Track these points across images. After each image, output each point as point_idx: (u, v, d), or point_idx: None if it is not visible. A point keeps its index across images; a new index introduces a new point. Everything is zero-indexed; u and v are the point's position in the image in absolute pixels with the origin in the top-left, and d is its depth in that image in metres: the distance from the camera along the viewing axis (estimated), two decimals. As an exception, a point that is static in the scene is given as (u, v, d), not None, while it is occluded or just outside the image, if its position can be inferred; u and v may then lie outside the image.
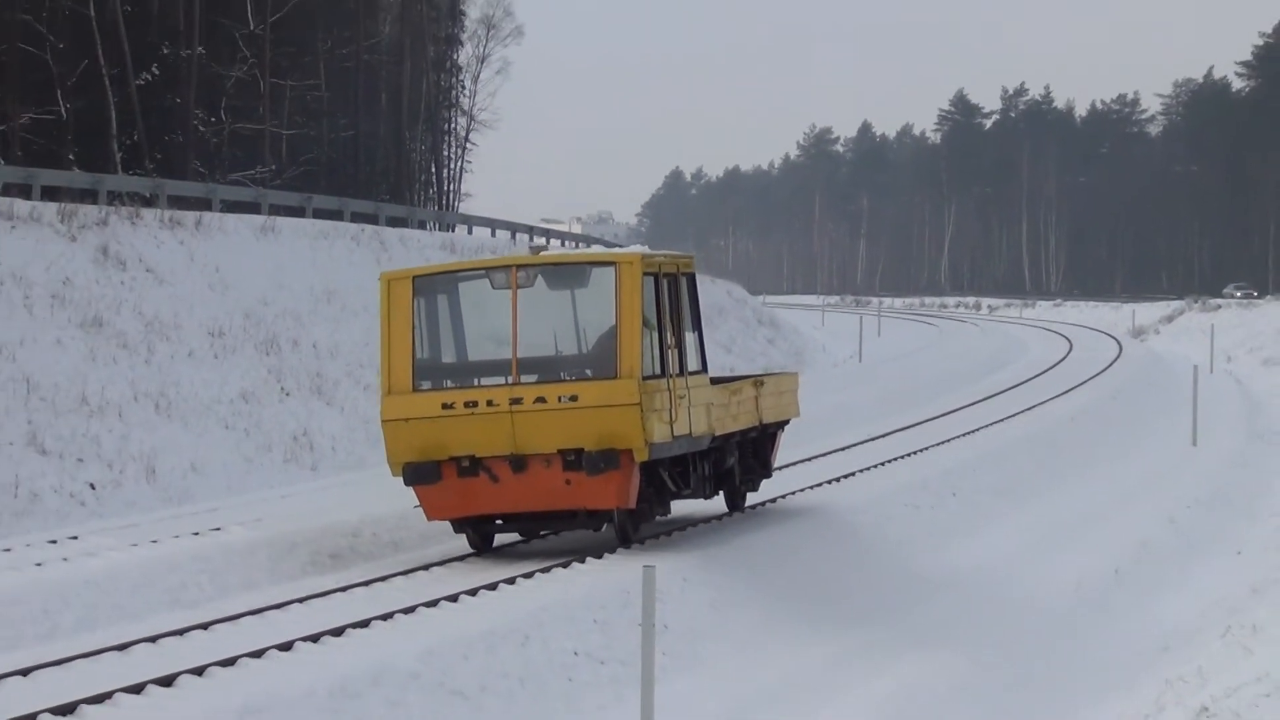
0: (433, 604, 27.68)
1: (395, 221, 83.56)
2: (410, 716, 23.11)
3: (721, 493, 35.33)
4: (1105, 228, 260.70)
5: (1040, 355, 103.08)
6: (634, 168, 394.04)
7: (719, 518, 35.92)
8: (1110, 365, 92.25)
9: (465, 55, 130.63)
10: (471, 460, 28.34)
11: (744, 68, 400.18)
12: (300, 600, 28.79)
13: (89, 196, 61.33)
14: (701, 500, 35.40)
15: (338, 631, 25.69)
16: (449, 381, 29.33)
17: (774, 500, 41.05)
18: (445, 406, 28.49)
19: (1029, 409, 66.99)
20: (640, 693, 23.22)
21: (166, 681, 22.55)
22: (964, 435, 57.08)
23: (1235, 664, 24.33)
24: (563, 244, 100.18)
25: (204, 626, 26.83)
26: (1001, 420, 62.82)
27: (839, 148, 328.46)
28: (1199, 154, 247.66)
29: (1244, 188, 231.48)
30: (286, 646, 24.71)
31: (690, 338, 31.66)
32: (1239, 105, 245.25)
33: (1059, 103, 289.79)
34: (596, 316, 29.13)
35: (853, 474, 46.18)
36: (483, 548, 30.88)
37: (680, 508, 34.94)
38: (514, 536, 33.32)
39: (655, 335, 29.39)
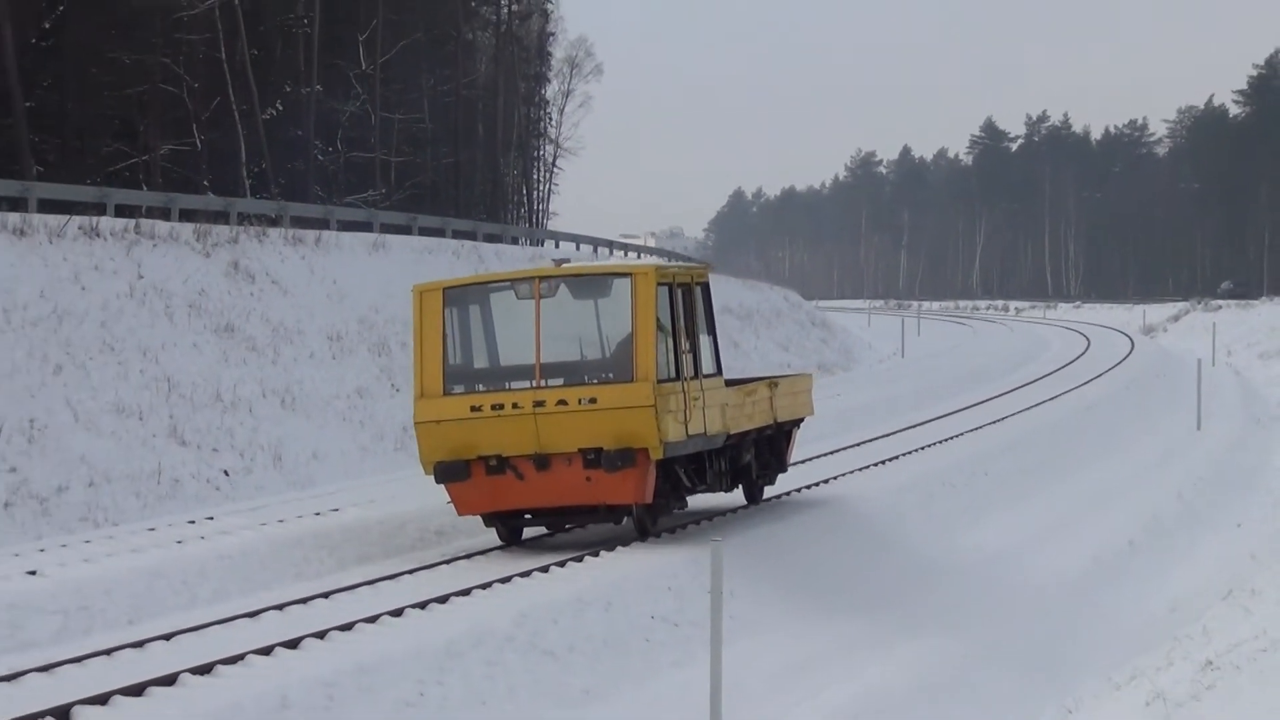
0: (526, 574, 27.67)
1: (491, 238, 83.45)
2: (507, 674, 23.20)
3: (740, 487, 33.91)
4: (1118, 238, 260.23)
5: (1062, 351, 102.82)
6: (701, 187, 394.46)
7: (742, 508, 34.62)
8: (1124, 360, 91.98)
9: (552, 91, 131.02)
10: (498, 459, 27.20)
11: (797, 97, 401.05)
12: (410, 572, 28.76)
13: (221, 218, 61.51)
14: (722, 494, 34.06)
15: (442, 599, 25.84)
16: (477, 385, 28.08)
17: (827, 481, 41.05)
18: (474, 409, 27.34)
19: (1053, 398, 66.87)
20: (710, 651, 23.19)
21: (293, 644, 22.73)
22: (995, 422, 57.02)
23: (1236, 623, 24.24)
24: (596, 250, 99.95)
25: (325, 595, 27.02)
26: (1028, 408, 62.68)
27: (882, 169, 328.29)
28: (1200, 172, 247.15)
29: (1240, 202, 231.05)
30: (397, 613, 24.87)
31: (705, 343, 30.32)
32: (1236, 129, 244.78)
33: (1076, 128, 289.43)
34: (614, 324, 27.88)
35: (895, 457, 46.22)
36: (511, 540, 29.81)
37: (702, 501, 33.83)
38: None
39: (670, 341, 28.13)
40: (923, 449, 48.75)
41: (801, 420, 36.51)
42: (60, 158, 68.48)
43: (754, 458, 33.08)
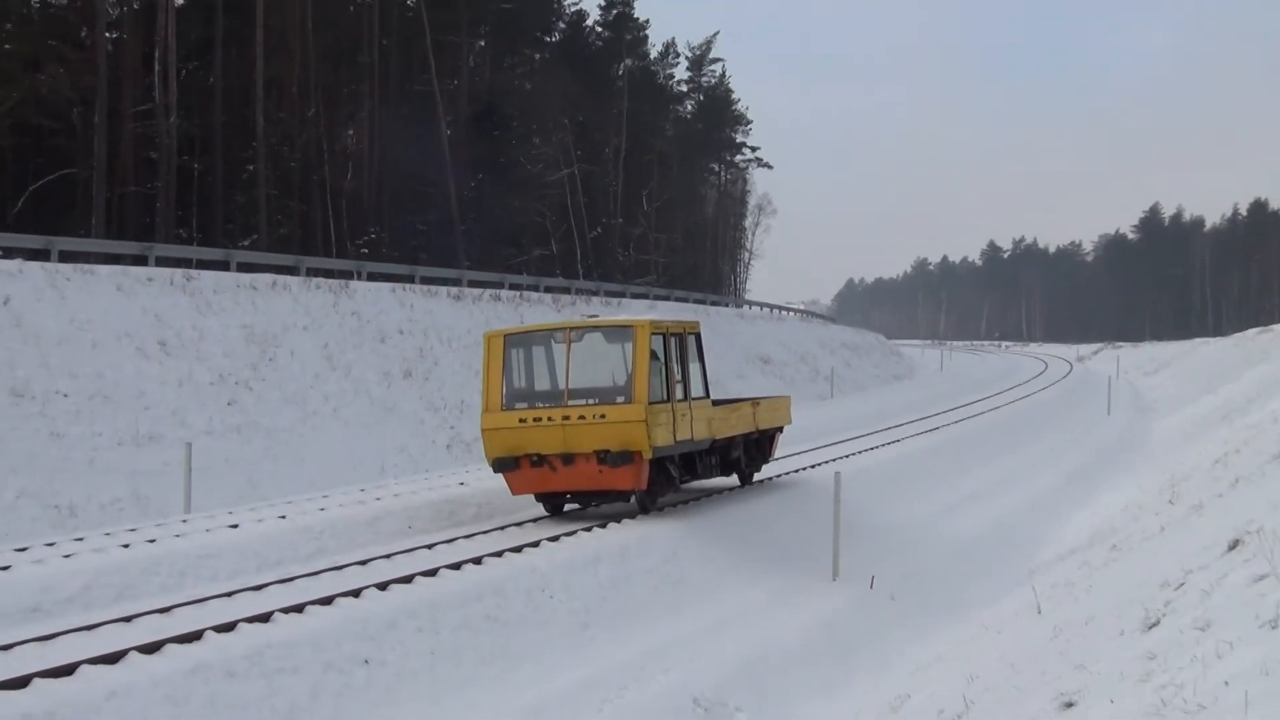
0: (697, 498, 27.48)
1: (714, 303, 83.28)
2: (689, 548, 23.04)
3: (735, 475, 29.12)
4: (1064, 307, 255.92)
5: (1031, 369, 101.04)
6: (829, 273, 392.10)
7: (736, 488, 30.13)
8: (1067, 375, 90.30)
9: (749, 222, 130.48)
10: (538, 456, 23.45)
11: (881, 218, 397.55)
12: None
13: (566, 291, 62.29)
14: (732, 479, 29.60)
15: (658, 511, 25.36)
16: (525, 404, 23.92)
17: (898, 441, 40.57)
18: (521, 420, 23.43)
19: (1025, 397, 65.75)
20: (832, 545, 22.99)
21: (554, 538, 22.17)
22: (991, 411, 56.21)
23: (1129, 524, 23.82)
24: (773, 310, 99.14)
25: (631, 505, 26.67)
26: (1015, 401, 61.72)
27: (931, 268, 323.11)
28: (1111, 274, 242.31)
29: (1135, 290, 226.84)
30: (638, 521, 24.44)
31: (696, 374, 25.57)
32: (1131, 248, 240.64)
33: (1042, 245, 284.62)
34: (620, 362, 23.93)
35: (936, 429, 45.69)
36: (554, 513, 25.34)
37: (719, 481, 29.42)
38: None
39: (663, 373, 24.00)
40: (947, 426, 48.08)
41: (782, 427, 30.83)
42: (480, 256, 69.44)
43: (743, 454, 28.71)
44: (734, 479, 29.08)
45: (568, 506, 25.23)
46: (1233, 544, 12.99)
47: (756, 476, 29.83)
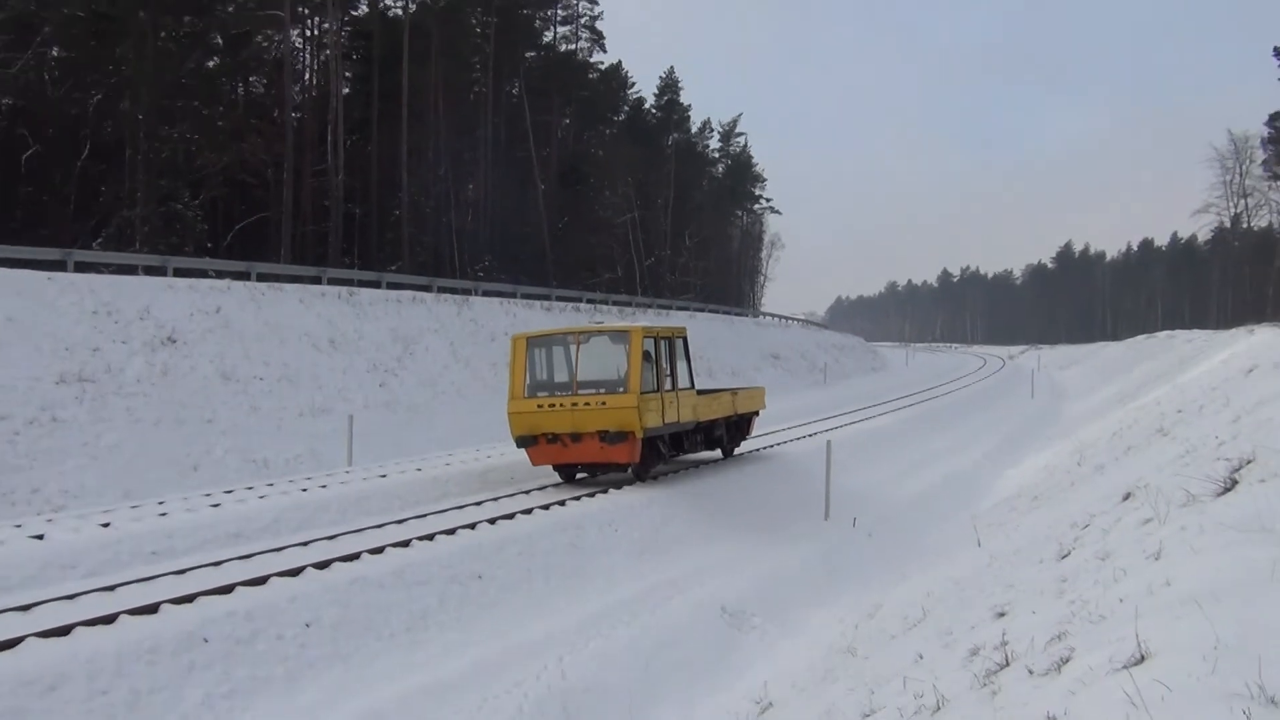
0: (715, 463, 27.20)
1: (738, 314, 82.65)
2: (712, 500, 22.81)
3: (719, 450, 26.90)
4: (1000, 318, 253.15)
5: (974, 365, 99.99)
6: (823, 291, 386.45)
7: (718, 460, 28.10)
8: (1001, 368, 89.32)
9: (764, 254, 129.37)
10: (553, 435, 21.27)
11: (856, 251, 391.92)
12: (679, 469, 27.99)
13: (628, 304, 61.99)
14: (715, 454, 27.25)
15: (678, 470, 25.13)
16: (544, 392, 21.72)
17: (871, 418, 40.11)
18: (539, 406, 21.27)
19: (968, 386, 65.04)
20: (824, 495, 22.76)
21: (619, 488, 22.14)
22: (946, 394, 55.56)
23: (1048, 479, 23.45)
24: (784, 319, 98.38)
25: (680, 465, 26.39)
26: (962, 388, 61.02)
27: (899, 289, 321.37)
28: (1035, 295, 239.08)
29: (1050, 306, 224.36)
30: (681, 476, 24.27)
31: (682, 369, 23.35)
32: (1050, 274, 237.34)
33: (982, 271, 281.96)
34: (619, 360, 21.62)
35: (901, 409, 45.04)
36: (567, 481, 23.02)
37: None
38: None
39: (654, 369, 21.93)
40: (910, 406, 47.33)
41: (758, 411, 28.21)
42: (565, 278, 69.41)
43: (724, 433, 26.48)
44: (718, 453, 26.85)
45: (578, 476, 23.66)
46: (1126, 496, 12.82)
47: (736, 451, 27.92)
